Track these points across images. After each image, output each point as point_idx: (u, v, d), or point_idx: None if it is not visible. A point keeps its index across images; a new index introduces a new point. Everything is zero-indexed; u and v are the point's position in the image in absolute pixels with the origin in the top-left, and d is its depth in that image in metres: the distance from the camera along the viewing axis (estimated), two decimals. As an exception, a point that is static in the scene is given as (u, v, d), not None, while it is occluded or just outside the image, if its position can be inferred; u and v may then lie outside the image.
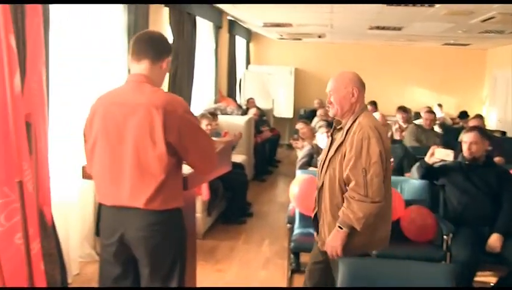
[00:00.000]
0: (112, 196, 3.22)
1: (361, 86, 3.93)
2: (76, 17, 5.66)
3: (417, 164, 5.79)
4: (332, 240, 3.68)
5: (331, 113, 3.93)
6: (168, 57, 3.37)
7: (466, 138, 5.49)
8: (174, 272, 3.29)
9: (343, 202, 3.67)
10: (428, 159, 5.56)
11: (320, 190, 3.87)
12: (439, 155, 5.49)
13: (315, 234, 4.10)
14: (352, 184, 3.60)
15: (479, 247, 5.03)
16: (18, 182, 3.68)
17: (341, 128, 3.84)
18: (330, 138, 3.96)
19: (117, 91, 3.34)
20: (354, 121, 3.75)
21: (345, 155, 3.66)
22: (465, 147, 5.47)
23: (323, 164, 3.87)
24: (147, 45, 3.27)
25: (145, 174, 3.10)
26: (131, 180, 3.12)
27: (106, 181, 3.23)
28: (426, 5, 8.46)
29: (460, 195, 5.38)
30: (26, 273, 3.83)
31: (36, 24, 3.99)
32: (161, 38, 3.42)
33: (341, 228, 3.64)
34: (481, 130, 5.73)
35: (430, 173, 5.64)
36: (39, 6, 4.07)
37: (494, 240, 5.04)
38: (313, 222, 4.09)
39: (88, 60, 5.95)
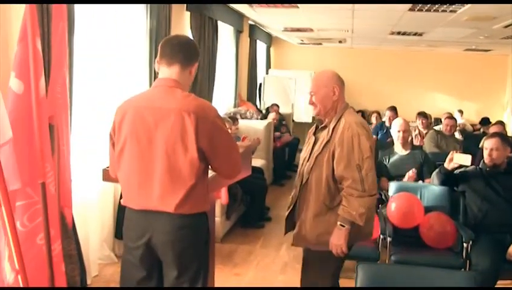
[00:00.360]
0: (140, 200, 3.24)
1: (341, 83, 3.94)
2: (100, 21, 5.71)
3: (436, 170, 5.74)
4: (336, 239, 3.72)
5: (314, 113, 3.98)
6: (197, 62, 3.38)
7: (487, 144, 5.44)
8: (200, 275, 3.33)
9: (330, 199, 3.76)
10: (447, 164, 5.47)
11: (303, 187, 3.89)
12: (458, 160, 5.39)
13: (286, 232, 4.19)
14: (348, 182, 3.66)
15: (499, 255, 4.98)
16: (41, 184, 3.71)
17: (325, 126, 3.89)
18: (313, 137, 3.99)
19: (147, 95, 3.36)
20: (338, 119, 3.81)
21: (333, 153, 3.73)
22: (486, 153, 5.43)
23: (307, 162, 3.91)
24: (178, 50, 3.28)
25: (175, 179, 3.11)
26: (161, 185, 3.13)
27: (135, 185, 3.24)
28: (448, 10, 8.39)
29: (480, 202, 5.32)
30: (48, 273, 3.85)
31: (61, 28, 4.02)
32: (191, 43, 3.47)
33: (343, 226, 3.69)
34: (503, 136, 5.70)
35: (450, 179, 5.59)
36: (64, 10, 4.10)
37: None
38: (287, 219, 4.14)
39: (111, 64, 6.00)
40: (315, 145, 3.89)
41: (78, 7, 4.81)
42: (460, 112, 15.22)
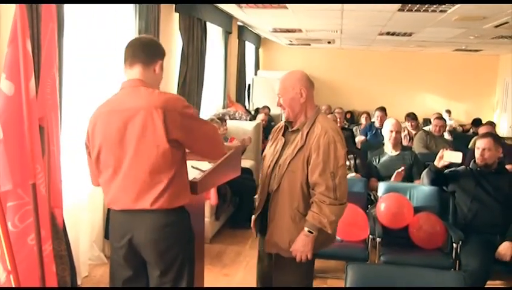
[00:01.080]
0: (120, 201, 3.24)
1: (309, 85, 3.88)
2: (89, 23, 5.71)
3: (426, 169, 5.76)
4: (301, 245, 3.68)
5: (285, 117, 3.93)
6: (161, 60, 3.37)
7: (480, 144, 5.45)
8: (184, 273, 3.31)
9: (304, 205, 3.72)
10: (437, 162, 5.49)
11: (276, 192, 3.80)
12: (448, 158, 5.40)
13: (257, 235, 4.16)
14: (321, 189, 3.62)
15: (489, 256, 4.98)
16: (31, 185, 3.71)
17: (297, 130, 3.83)
18: (283, 139, 3.91)
19: (114, 98, 3.34)
20: (312, 124, 3.76)
21: (308, 159, 3.68)
22: (478, 153, 5.44)
23: (276, 166, 3.84)
24: (138, 50, 3.32)
25: (151, 175, 3.11)
26: (138, 184, 3.14)
27: (114, 188, 3.24)
28: (438, 10, 8.41)
29: (470, 202, 5.34)
30: (39, 274, 3.85)
31: (51, 29, 4.01)
32: (152, 41, 3.47)
33: (311, 233, 3.66)
34: (495, 136, 5.72)
35: (440, 178, 5.60)
36: (54, 11, 4.09)
37: (505, 248, 4.97)
38: (256, 223, 4.10)
39: (100, 65, 6.00)
40: (285, 148, 3.82)
41: (67, 8, 4.81)
42: (448, 112, 15.28)
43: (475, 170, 5.47)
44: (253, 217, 4.12)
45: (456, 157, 5.39)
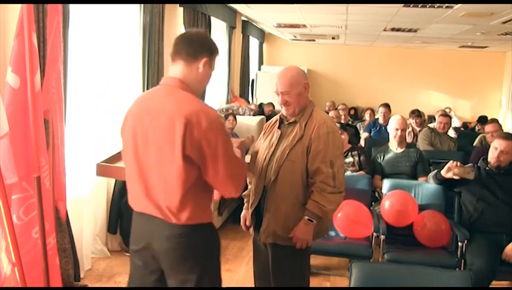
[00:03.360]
0: (139, 202, 3.11)
1: (307, 78, 3.87)
2: (94, 17, 5.70)
3: (433, 172, 5.65)
4: (303, 233, 3.67)
5: (288, 113, 3.83)
6: (208, 57, 3.08)
7: (498, 145, 5.26)
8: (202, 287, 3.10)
9: (303, 194, 3.72)
10: (444, 173, 5.32)
11: (274, 182, 3.75)
12: (459, 173, 5.18)
13: (250, 228, 4.08)
14: (322, 177, 3.63)
15: (494, 255, 4.93)
16: (36, 178, 3.71)
17: (294, 122, 3.81)
18: (279, 131, 3.86)
19: (149, 95, 3.18)
20: (310, 115, 3.77)
21: (307, 148, 3.68)
22: (494, 154, 5.26)
23: (272, 158, 3.80)
24: (182, 44, 3.07)
25: (166, 187, 2.93)
26: (154, 191, 2.99)
27: (134, 187, 3.12)
28: (444, 6, 8.37)
29: (476, 201, 5.24)
30: (43, 266, 3.86)
31: (56, 23, 4.02)
32: (198, 35, 3.19)
33: (311, 221, 3.66)
34: None
35: (446, 184, 5.50)
36: (60, 5, 4.10)
37: (511, 249, 4.94)
38: (252, 216, 4.00)
39: (105, 59, 6.00)
40: (282, 140, 3.80)
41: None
42: (448, 109, 15.14)
43: (483, 170, 5.33)
44: (245, 212, 4.09)
45: (467, 173, 5.17)
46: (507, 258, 4.92)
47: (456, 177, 5.22)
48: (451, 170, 5.23)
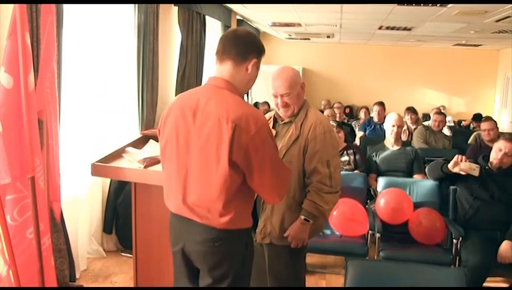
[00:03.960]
0: (176, 203, 3.05)
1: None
2: (88, 16, 5.69)
3: (435, 164, 5.60)
4: (299, 233, 3.67)
5: (286, 115, 3.80)
6: (256, 58, 3.02)
7: (503, 146, 5.20)
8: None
9: (300, 194, 3.71)
10: (452, 167, 5.22)
11: None
12: (467, 170, 5.12)
13: None
14: (318, 177, 3.63)
15: (489, 252, 4.93)
16: (30, 178, 3.70)
17: (289, 122, 3.80)
18: (274, 132, 3.81)
19: (194, 93, 3.03)
20: (305, 115, 3.75)
21: (304, 148, 3.67)
22: (497, 155, 5.21)
23: None
24: (230, 44, 2.97)
25: (207, 190, 2.87)
26: (193, 193, 2.93)
27: (172, 187, 3.06)
28: (438, 4, 8.38)
29: (473, 199, 5.25)
30: (38, 267, 3.85)
31: (50, 22, 4.00)
32: (247, 35, 3.07)
33: (307, 221, 3.65)
34: None
35: (448, 179, 5.46)
36: (53, 5, 4.09)
37: (506, 249, 4.88)
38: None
39: (99, 58, 5.98)
40: (277, 141, 3.69)
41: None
42: (442, 107, 15.10)
43: (483, 168, 5.25)
44: None
45: (472, 169, 5.11)
46: (502, 260, 4.89)
47: (462, 173, 5.15)
48: (457, 165, 5.16)
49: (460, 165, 5.13)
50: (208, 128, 2.82)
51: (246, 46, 2.98)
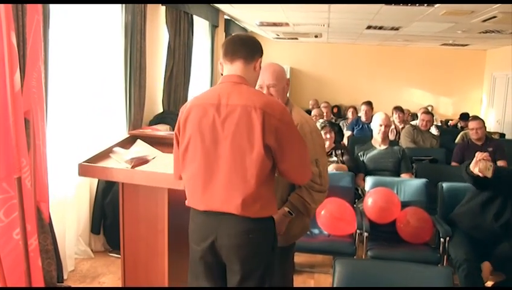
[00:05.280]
0: (205, 200, 3.08)
1: None
2: (75, 16, 5.66)
3: (462, 166, 5.24)
4: (278, 223, 3.50)
5: None
6: (260, 58, 3.25)
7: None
8: (265, 282, 3.14)
9: (287, 194, 3.68)
10: (472, 167, 4.90)
11: None
12: (482, 167, 4.80)
13: None
14: None
15: (475, 246, 4.93)
16: (17, 179, 3.69)
17: None
18: None
19: (212, 92, 3.14)
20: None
21: None
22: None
23: None
24: (240, 45, 3.17)
25: (241, 178, 2.97)
26: (226, 185, 3.00)
27: (199, 185, 3.09)
28: (425, 4, 8.42)
29: (478, 214, 5.12)
30: (24, 268, 3.84)
31: (36, 21, 3.98)
32: (252, 38, 3.32)
33: (291, 214, 3.61)
34: None
35: (479, 181, 5.05)
36: (39, 4, 4.07)
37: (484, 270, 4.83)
38: None
39: (87, 58, 5.95)
40: None
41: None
42: (430, 107, 15.15)
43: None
44: None
45: (488, 170, 4.80)
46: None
47: (479, 174, 4.85)
48: (477, 164, 4.85)
49: (479, 164, 4.83)
50: (236, 119, 2.96)
51: (252, 47, 3.20)
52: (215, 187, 3.03)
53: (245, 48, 3.17)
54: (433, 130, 9.99)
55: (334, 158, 6.74)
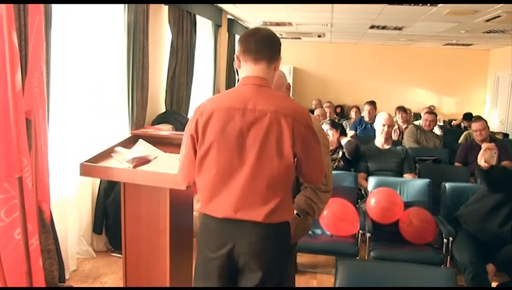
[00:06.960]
0: (224, 208, 2.94)
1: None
2: (78, 15, 5.65)
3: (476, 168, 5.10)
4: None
5: None
6: (280, 56, 3.12)
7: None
8: (283, 285, 3.08)
9: (293, 193, 3.60)
10: (479, 160, 4.80)
11: None
12: (487, 156, 4.73)
13: None
14: None
15: (480, 245, 4.92)
16: (18, 178, 3.68)
17: None
18: None
19: (236, 94, 2.99)
20: None
21: None
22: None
23: None
24: (265, 44, 3.01)
25: (267, 186, 2.88)
26: (250, 192, 2.89)
27: (219, 192, 2.96)
28: (428, 4, 8.41)
29: (487, 216, 5.08)
30: (25, 268, 3.83)
31: (38, 21, 3.97)
32: (275, 36, 3.12)
33: (299, 216, 3.56)
34: None
35: (492, 180, 5.00)
36: (41, 4, 4.06)
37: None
38: None
39: (89, 58, 5.94)
40: None
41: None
42: (433, 107, 15.15)
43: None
44: None
45: (492, 158, 4.75)
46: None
47: (486, 165, 4.76)
48: (484, 156, 4.76)
49: (485, 155, 4.75)
50: (265, 125, 2.85)
51: (275, 47, 3.07)
52: (236, 195, 2.90)
53: (269, 47, 3.03)
54: (437, 130, 9.96)
55: (338, 156, 6.74)
